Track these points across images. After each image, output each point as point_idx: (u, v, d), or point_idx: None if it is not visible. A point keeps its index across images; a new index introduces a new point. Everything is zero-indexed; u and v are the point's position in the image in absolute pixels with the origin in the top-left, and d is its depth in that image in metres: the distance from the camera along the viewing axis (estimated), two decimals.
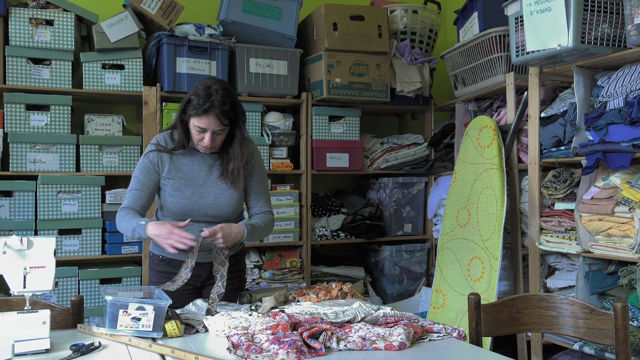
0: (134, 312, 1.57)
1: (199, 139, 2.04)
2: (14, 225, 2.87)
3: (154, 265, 2.21)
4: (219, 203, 2.12)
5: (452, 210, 3.21)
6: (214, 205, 2.11)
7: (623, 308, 1.59)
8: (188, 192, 2.09)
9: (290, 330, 1.54)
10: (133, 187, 2.11)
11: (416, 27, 3.71)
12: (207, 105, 1.96)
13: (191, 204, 2.09)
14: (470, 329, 1.79)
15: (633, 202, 2.33)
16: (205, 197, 2.10)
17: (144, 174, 2.10)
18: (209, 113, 1.97)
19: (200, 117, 1.98)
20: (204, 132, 2.02)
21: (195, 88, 2.02)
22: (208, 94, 1.98)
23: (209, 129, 2.01)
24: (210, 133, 2.01)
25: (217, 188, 2.12)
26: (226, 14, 3.22)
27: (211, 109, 1.97)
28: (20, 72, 2.95)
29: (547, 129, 2.80)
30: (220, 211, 2.13)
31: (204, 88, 2.00)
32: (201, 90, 1.99)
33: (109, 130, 3.14)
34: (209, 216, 2.11)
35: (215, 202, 2.11)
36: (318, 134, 3.51)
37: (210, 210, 2.11)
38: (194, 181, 2.11)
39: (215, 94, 1.98)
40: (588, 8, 2.42)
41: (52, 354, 1.46)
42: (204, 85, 2.01)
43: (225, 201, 2.12)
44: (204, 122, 1.99)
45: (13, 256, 1.49)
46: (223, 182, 2.12)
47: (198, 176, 2.11)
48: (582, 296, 2.57)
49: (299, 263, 3.44)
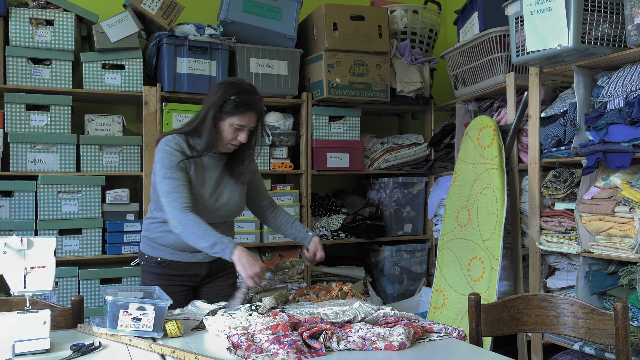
0: (135, 312, 1.57)
1: (233, 138, 2.03)
2: (14, 225, 2.87)
3: (149, 268, 2.14)
4: (231, 203, 2.12)
5: (452, 210, 3.21)
6: (227, 206, 2.11)
7: (623, 308, 1.59)
8: (207, 194, 2.07)
9: (291, 330, 1.54)
10: (176, 183, 1.95)
11: (416, 27, 3.71)
12: (251, 103, 1.99)
13: (207, 205, 2.06)
14: (471, 329, 1.79)
15: (633, 202, 2.33)
16: (221, 198, 2.10)
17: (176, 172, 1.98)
18: (251, 110, 2.01)
19: (242, 115, 2.00)
20: (241, 130, 2.02)
21: (229, 87, 2.01)
22: (250, 91, 2.02)
23: (248, 127, 2.03)
24: (247, 131, 2.03)
25: (229, 188, 2.12)
26: (226, 14, 3.23)
27: (253, 106, 2.00)
28: (21, 72, 2.95)
29: (548, 129, 2.80)
30: (232, 211, 2.14)
31: (243, 86, 2.02)
32: (239, 89, 2.01)
33: (109, 130, 3.14)
34: (221, 216, 2.11)
35: (229, 202, 2.11)
36: (318, 134, 3.51)
37: (223, 210, 2.10)
38: (211, 182, 2.09)
39: (254, 92, 2.03)
40: (588, 8, 2.42)
41: (52, 354, 1.46)
42: (239, 84, 2.03)
43: (237, 201, 2.14)
44: (245, 120, 2.01)
45: (13, 256, 1.49)
46: (233, 180, 2.12)
47: (213, 177, 2.10)
48: (583, 296, 2.57)
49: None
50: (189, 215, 1.90)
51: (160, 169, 1.98)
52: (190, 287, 2.17)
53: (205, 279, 2.18)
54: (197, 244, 1.89)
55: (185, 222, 1.90)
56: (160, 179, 1.97)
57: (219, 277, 2.21)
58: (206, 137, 2.02)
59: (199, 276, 2.16)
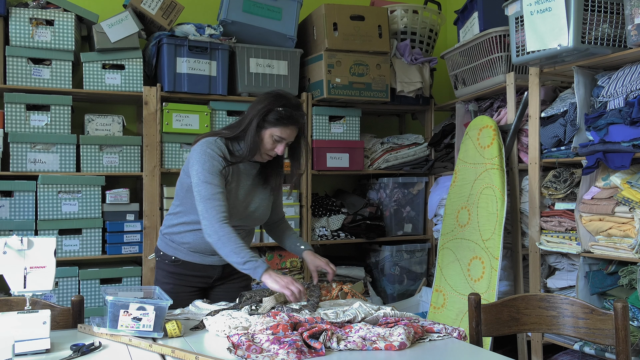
0: (135, 312, 1.57)
1: (271, 149, 2.04)
2: (14, 225, 2.87)
3: (163, 265, 2.17)
4: (259, 211, 2.13)
5: (452, 210, 3.21)
6: (255, 212, 2.12)
7: (623, 308, 1.59)
8: (239, 199, 2.07)
9: (291, 330, 1.54)
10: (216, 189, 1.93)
11: (416, 27, 3.71)
12: (295, 117, 2.00)
13: (238, 210, 2.07)
14: (471, 329, 1.79)
15: (633, 202, 2.33)
16: (251, 204, 2.11)
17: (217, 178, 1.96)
18: (294, 125, 2.02)
19: (284, 127, 2.00)
20: (280, 142, 2.03)
21: (276, 99, 2.01)
22: (296, 106, 2.03)
23: (287, 140, 2.04)
24: (285, 143, 2.04)
25: (259, 196, 2.14)
26: (226, 14, 3.22)
27: (296, 121, 2.01)
28: (21, 72, 2.95)
29: (548, 129, 2.80)
30: (259, 219, 2.15)
31: (290, 100, 2.03)
32: (285, 102, 2.01)
33: (109, 130, 3.14)
34: (248, 223, 2.13)
35: (257, 210, 2.13)
36: (318, 134, 3.51)
37: (251, 217, 2.11)
38: (244, 188, 2.09)
39: (299, 107, 2.03)
40: (588, 8, 2.42)
41: (52, 354, 1.46)
42: (286, 96, 2.04)
43: (265, 209, 2.16)
44: (286, 133, 2.01)
45: (13, 256, 1.49)
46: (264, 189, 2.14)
47: (246, 184, 2.11)
48: (583, 296, 2.57)
49: (299, 263, 3.44)
50: (225, 227, 1.90)
51: (201, 172, 1.95)
52: (200, 289, 2.17)
53: (217, 282, 2.19)
54: (229, 257, 1.89)
55: (220, 234, 1.89)
56: (200, 182, 1.94)
57: (231, 280, 2.22)
58: (248, 144, 2.02)
59: (211, 278, 2.17)
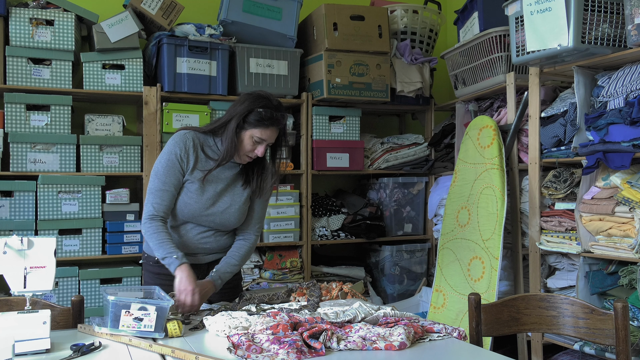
0: (136, 312, 1.56)
1: (250, 150, 2.02)
2: (14, 225, 2.87)
3: (149, 266, 2.17)
4: (228, 213, 2.09)
5: (452, 210, 3.21)
6: (223, 214, 2.08)
7: (623, 308, 1.59)
8: (204, 197, 2.05)
9: (291, 330, 1.54)
10: (163, 187, 1.99)
11: (416, 27, 3.71)
12: (276, 118, 1.99)
13: (201, 210, 2.05)
14: (471, 329, 1.79)
15: (633, 202, 2.33)
16: (218, 203, 2.07)
17: (169, 176, 2.00)
18: (274, 126, 2.00)
19: (264, 129, 1.99)
20: (260, 143, 2.02)
21: (257, 99, 2.00)
22: (277, 107, 2.01)
23: (267, 141, 2.02)
24: (265, 145, 2.02)
25: (232, 198, 2.10)
26: (226, 14, 3.22)
27: (277, 122, 2.00)
28: (21, 72, 2.95)
29: (548, 129, 2.80)
30: (227, 221, 2.10)
31: (271, 101, 2.01)
32: (268, 102, 2.00)
33: (109, 130, 3.14)
34: (215, 223, 2.09)
35: (225, 212, 2.09)
36: (318, 134, 3.51)
37: (217, 218, 2.08)
38: (213, 187, 2.07)
39: (280, 108, 2.02)
40: (588, 8, 2.42)
41: (52, 354, 1.46)
42: (268, 97, 2.02)
43: (234, 212, 2.10)
44: (266, 134, 2.00)
45: (13, 256, 1.49)
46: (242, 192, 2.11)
47: (219, 184, 2.08)
48: (583, 296, 2.57)
49: (299, 263, 3.44)
50: (152, 222, 1.97)
51: (157, 164, 2.02)
52: None
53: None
54: (155, 251, 1.97)
55: (146, 228, 1.97)
56: (152, 173, 2.02)
57: None
58: (226, 145, 2.01)
59: (197, 277, 2.15)
